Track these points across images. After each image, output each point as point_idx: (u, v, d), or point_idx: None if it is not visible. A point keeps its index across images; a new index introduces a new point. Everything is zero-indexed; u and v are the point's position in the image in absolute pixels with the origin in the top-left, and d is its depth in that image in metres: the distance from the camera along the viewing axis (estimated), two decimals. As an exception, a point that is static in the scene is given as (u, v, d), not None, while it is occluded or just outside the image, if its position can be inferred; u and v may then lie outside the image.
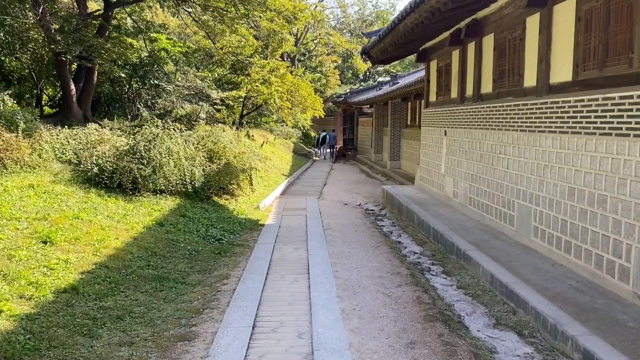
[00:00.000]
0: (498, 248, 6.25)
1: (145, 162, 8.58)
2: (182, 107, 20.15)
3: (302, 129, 32.13)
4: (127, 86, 17.68)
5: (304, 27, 34.13)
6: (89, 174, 8.34)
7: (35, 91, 17.05)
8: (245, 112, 24.44)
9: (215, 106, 19.97)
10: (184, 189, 9.03)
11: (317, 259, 6.70)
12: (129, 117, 16.59)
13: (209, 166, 9.94)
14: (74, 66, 15.68)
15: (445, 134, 9.81)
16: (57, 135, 9.46)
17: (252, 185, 11.29)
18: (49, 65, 15.25)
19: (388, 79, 28.64)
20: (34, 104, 16.89)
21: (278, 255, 6.99)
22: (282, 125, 28.05)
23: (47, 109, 17.64)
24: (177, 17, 21.37)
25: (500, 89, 7.45)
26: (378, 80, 32.22)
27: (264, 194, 12.13)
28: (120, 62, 15.29)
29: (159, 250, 6.41)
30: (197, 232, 7.69)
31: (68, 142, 9.48)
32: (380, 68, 50.19)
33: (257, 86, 16.87)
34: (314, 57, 37.91)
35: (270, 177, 15.03)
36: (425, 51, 11.51)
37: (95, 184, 8.25)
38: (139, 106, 17.81)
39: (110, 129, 10.96)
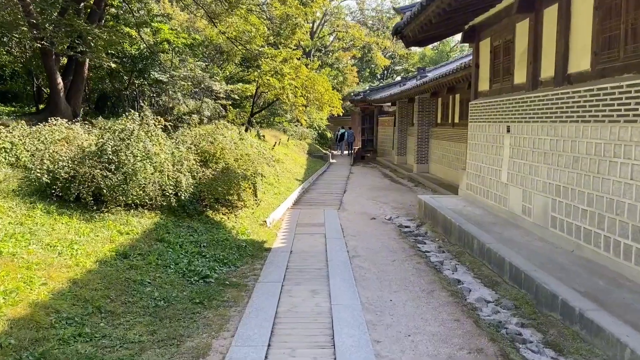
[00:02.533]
0: (633, 307, 3.97)
1: (114, 167, 6.47)
2: (185, 105, 18.22)
3: (317, 129, 29.90)
4: (128, 82, 15.79)
5: (320, 18, 31.97)
6: (38, 183, 6.28)
7: (33, 88, 15.24)
8: (255, 111, 22.38)
9: (218, 101, 17.88)
10: (165, 202, 6.89)
11: (344, 313, 4.48)
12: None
13: (202, 172, 7.79)
14: (65, 60, 13.83)
15: (508, 131, 7.52)
16: (9, 132, 7.43)
17: (256, 196, 9.09)
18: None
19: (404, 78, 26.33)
20: (35, 102, 15.11)
21: (287, 304, 4.79)
22: (296, 125, 25.91)
23: (42, 107, 15.88)
24: (186, 11, 19.44)
25: (607, 64, 5.17)
26: (401, 76, 29.83)
27: (273, 205, 9.96)
28: (113, 52, 13.31)
29: (108, 302, 4.25)
30: (176, 265, 5.52)
31: (23, 142, 7.45)
32: (398, 67, 47.82)
33: (267, 79, 14.72)
34: (330, 53, 35.65)
35: (281, 182, 12.86)
36: (474, 29, 9.23)
37: (45, 197, 6.18)
38: (142, 104, 15.90)
39: (90, 126, 8.88)
